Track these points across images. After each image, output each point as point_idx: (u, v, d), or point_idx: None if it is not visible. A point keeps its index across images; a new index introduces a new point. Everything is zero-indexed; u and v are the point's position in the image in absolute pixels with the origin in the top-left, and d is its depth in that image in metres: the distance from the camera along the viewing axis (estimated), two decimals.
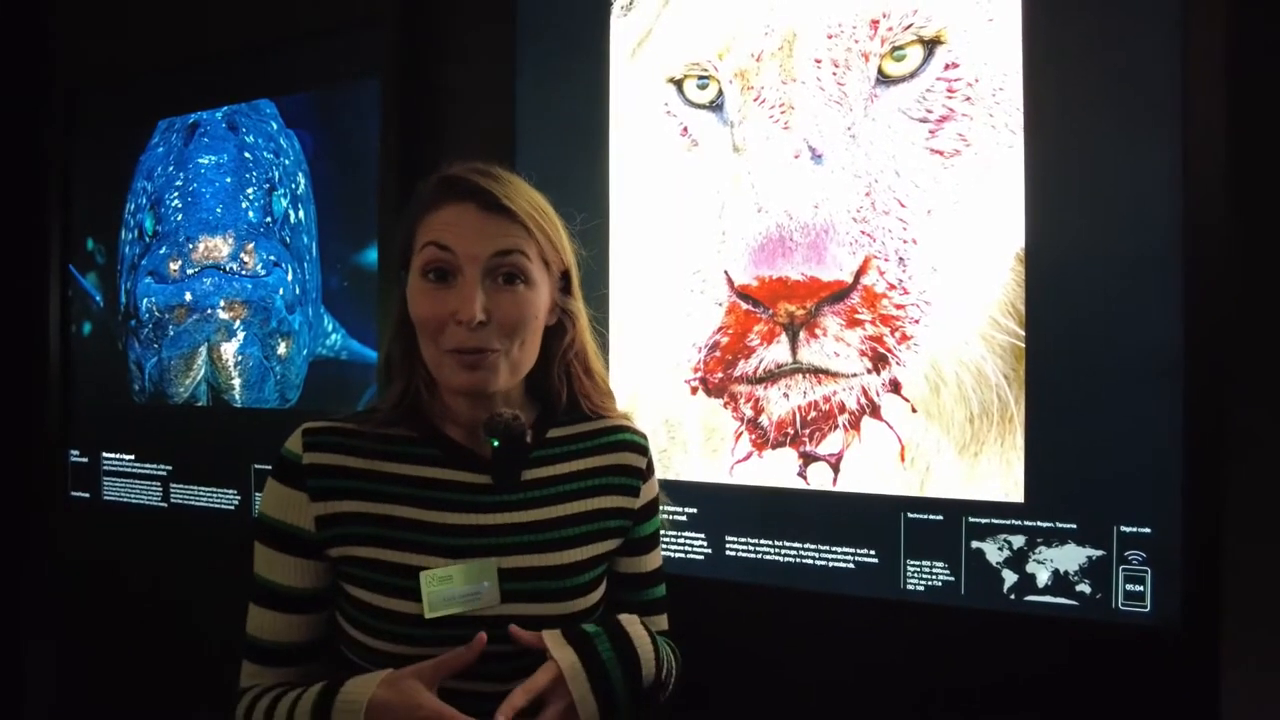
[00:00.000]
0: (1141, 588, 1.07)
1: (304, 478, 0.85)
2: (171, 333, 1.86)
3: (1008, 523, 1.13)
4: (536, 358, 0.89)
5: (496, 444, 0.86)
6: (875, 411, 1.19)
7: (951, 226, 1.14)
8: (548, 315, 0.89)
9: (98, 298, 2.00)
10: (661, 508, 1.01)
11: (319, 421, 0.88)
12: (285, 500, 0.85)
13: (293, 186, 1.72)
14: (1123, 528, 1.07)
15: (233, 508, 1.79)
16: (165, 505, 1.89)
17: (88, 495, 2.00)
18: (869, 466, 1.20)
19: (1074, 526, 1.10)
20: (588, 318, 0.95)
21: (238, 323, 1.77)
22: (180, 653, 1.87)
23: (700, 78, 1.30)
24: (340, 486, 0.85)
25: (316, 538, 0.85)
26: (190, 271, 1.82)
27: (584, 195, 1.38)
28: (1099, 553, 1.08)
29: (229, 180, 1.79)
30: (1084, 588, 1.09)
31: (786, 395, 1.24)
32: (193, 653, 1.84)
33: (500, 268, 0.83)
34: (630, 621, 0.89)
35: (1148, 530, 1.06)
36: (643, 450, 0.97)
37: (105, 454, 1.98)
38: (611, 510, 0.92)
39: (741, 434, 1.28)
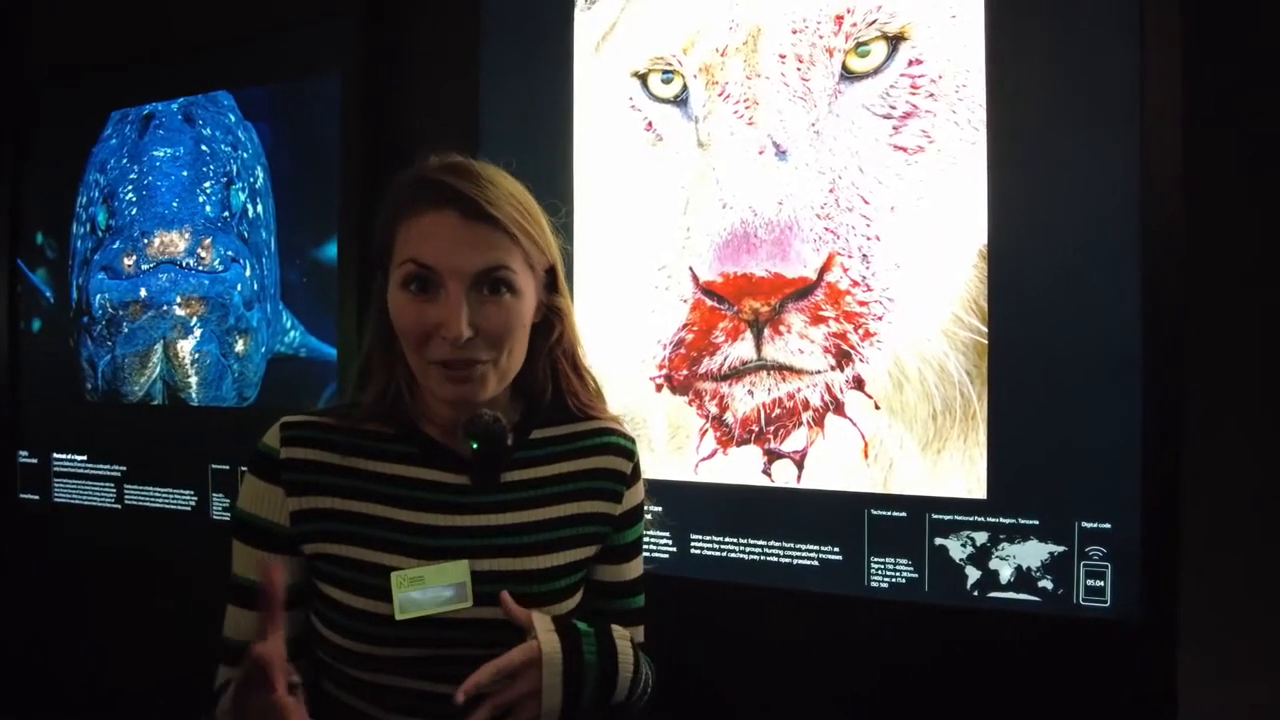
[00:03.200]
0: (1102, 582, 1.07)
1: (280, 472, 0.82)
2: (126, 330, 1.81)
3: (971, 519, 1.13)
4: (523, 361, 0.86)
5: (476, 446, 0.84)
6: (839, 408, 1.19)
7: (915, 223, 1.14)
8: (534, 314, 0.86)
9: (48, 294, 1.94)
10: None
11: (297, 415, 0.86)
12: (261, 495, 0.83)
13: (251, 180, 1.68)
14: (1084, 523, 1.08)
15: (189, 509, 1.74)
16: (119, 507, 1.84)
17: (37, 497, 1.94)
18: (833, 463, 1.20)
19: (1036, 522, 1.10)
20: (574, 314, 0.92)
21: (195, 319, 1.73)
22: (137, 659, 1.82)
23: (665, 72, 1.29)
24: (316, 482, 0.82)
25: (291, 533, 0.82)
26: (145, 267, 1.78)
27: (548, 190, 1.33)
28: (1060, 548, 1.09)
29: (185, 173, 1.74)
30: (1046, 583, 1.10)
31: (751, 392, 1.23)
32: (151, 658, 1.79)
33: (485, 282, 0.79)
34: (620, 635, 0.87)
35: (1108, 525, 1.07)
36: (629, 454, 0.93)
37: (56, 454, 1.92)
38: (592, 515, 0.89)
39: (706, 431, 1.27)
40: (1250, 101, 1.05)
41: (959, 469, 1.13)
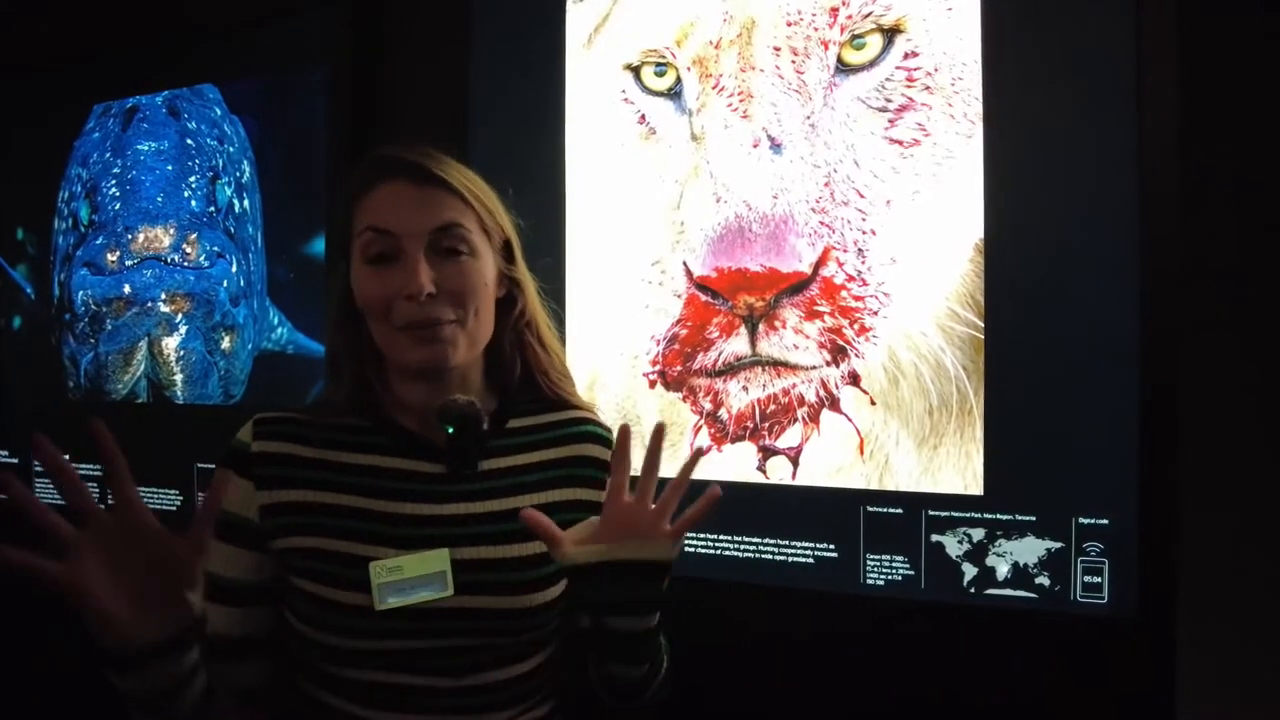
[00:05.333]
0: (1099, 579, 1.07)
1: (250, 466, 0.82)
2: (109, 327, 1.78)
3: (967, 515, 1.12)
4: (492, 332, 0.87)
5: (451, 431, 0.83)
6: (834, 404, 1.18)
7: (910, 217, 1.13)
8: (496, 287, 0.87)
9: (29, 290, 1.91)
10: None
11: (273, 411, 0.86)
12: (233, 488, 0.82)
13: (237, 175, 1.65)
14: (1081, 519, 1.07)
15: (175, 509, 1.72)
16: (103, 507, 1.80)
17: None
18: (828, 460, 1.19)
19: (1033, 519, 1.09)
20: (536, 287, 0.93)
21: (180, 316, 1.71)
22: None
23: (658, 64, 1.28)
24: (287, 475, 0.82)
25: (260, 527, 0.81)
26: (129, 263, 1.75)
27: (540, 184, 1.35)
28: (1057, 545, 1.08)
29: (170, 168, 1.72)
30: (1043, 580, 1.09)
31: (746, 388, 1.22)
32: None
33: (442, 241, 0.81)
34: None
35: (1105, 521, 1.06)
36: (607, 443, 0.94)
37: None
38: (574, 503, 0.89)
39: (700, 428, 1.26)
40: (1248, 93, 1.05)
41: (955, 465, 1.12)
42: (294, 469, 0.82)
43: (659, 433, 0.83)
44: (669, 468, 1.26)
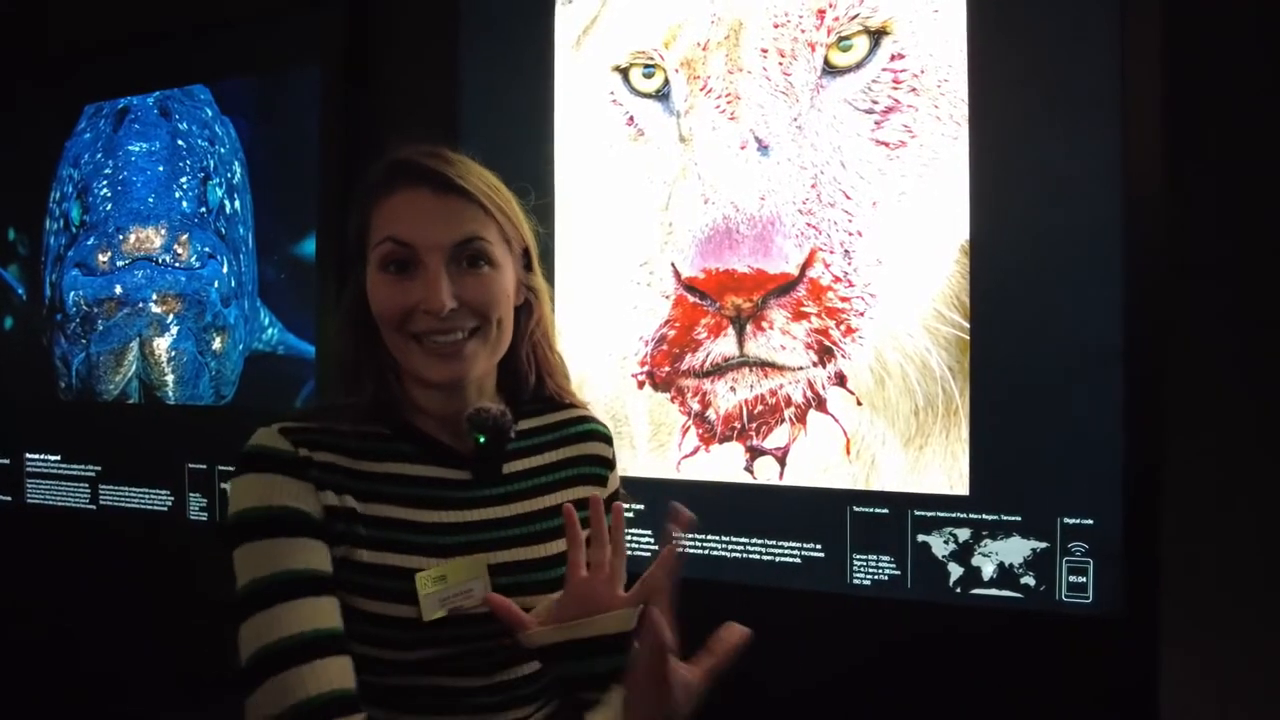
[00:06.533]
0: (1084, 578, 1.07)
1: (304, 469, 0.77)
2: (100, 327, 1.78)
3: (953, 515, 1.13)
4: (510, 341, 0.86)
5: (483, 440, 0.83)
6: (821, 405, 1.18)
7: (897, 218, 1.14)
8: (515, 295, 0.86)
9: (20, 291, 1.91)
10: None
11: (290, 422, 0.81)
12: (291, 489, 0.76)
13: (228, 175, 1.66)
14: (1066, 519, 1.08)
15: (166, 509, 1.71)
16: (94, 507, 1.81)
17: (10, 499, 1.91)
18: (815, 460, 1.19)
19: (1018, 519, 1.10)
20: (548, 294, 0.92)
21: (171, 317, 1.71)
22: (116, 661, 1.79)
23: (646, 66, 1.28)
24: (336, 482, 0.79)
25: (327, 525, 0.77)
26: (121, 263, 1.75)
27: (529, 186, 1.34)
28: (1043, 544, 1.09)
29: (161, 168, 1.72)
30: (1028, 580, 1.09)
31: (734, 389, 1.22)
32: (130, 660, 1.77)
33: (463, 254, 0.79)
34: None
35: (1090, 522, 1.06)
36: (608, 440, 0.95)
37: (29, 455, 1.89)
38: (585, 502, 0.89)
39: (689, 428, 1.26)
40: (1233, 96, 1.06)
41: (941, 465, 1.13)
42: (340, 478, 0.79)
43: (596, 506, 0.81)
44: (658, 465, 1.28)
